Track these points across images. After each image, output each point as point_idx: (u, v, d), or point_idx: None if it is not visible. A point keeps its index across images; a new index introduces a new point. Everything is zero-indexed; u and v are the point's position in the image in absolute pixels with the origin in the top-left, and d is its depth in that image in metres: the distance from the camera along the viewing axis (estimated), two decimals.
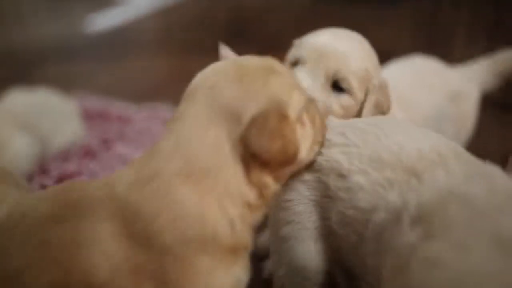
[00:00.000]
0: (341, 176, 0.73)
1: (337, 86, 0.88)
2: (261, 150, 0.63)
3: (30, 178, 1.38)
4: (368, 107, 0.90)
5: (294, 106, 0.68)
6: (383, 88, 0.92)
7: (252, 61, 0.72)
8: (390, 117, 0.80)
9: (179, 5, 3.27)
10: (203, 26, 2.86)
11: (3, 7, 2.91)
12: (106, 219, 0.64)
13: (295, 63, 0.92)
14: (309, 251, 0.79)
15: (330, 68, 0.87)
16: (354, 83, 0.88)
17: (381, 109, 0.92)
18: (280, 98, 0.67)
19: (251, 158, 0.64)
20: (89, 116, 1.71)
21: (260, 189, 0.67)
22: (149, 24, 2.86)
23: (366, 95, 0.90)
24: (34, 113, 1.47)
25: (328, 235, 0.77)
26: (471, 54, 2.20)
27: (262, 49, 2.43)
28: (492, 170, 0.65)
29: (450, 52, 2.15)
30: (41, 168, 1.41)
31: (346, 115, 0.90)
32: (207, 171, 0.64)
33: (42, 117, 1.48)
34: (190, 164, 0.64)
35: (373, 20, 2.65)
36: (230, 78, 0.68)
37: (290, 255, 0.80)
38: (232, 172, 0.65)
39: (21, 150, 1.39)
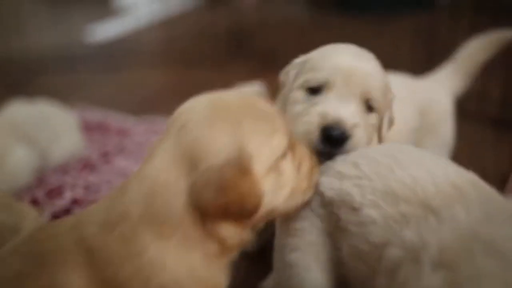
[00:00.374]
0: (353, 209, 0.70)
1: (367, 106, 0.84)
2: (207, 203, 0.60)
3: (28, 190, 1.37)
4: (386, 122, 0.89)
5: (263, 157, 0.64)
6: (393, 101, 0.91)
7: (233, 100, 0.67)
8: (404, 146, 0.77)
9: (180, 17, 3.29)
10: (203, 39, 2.87)
11: (3, 16, 2.92)
12: (77, 269, 0.62)
13: (316, 88, 0.84)
14: (316, 280, 0.77)
15: (362, 90, 0.82)
16: (381, 101, 0.85)
17: (392, 122, 0.92)
18: (246, 150, 0.62)
19: (202, 209, 0.61)
20: (88, 128, 1.71)
21: (219, 239, 0.63)
22: (149, 35, 2.87)
23: (384, 110, 0.88)
24: (34, 125, 1.47)
25: (338, 266, 0.75)
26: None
27: (260, 63, 2.46)
28: None
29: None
30: (40, 181, 1.41)
31: (373, 132, 0.87)
32: (167, 217, 0.62)
33: (41, 129, 1.48)
34: (152, 208, 0.62)
35: (371, 33, 2.67)
36: (202, 119, 0.64)
37: (295, 282, 0.77)
38: (190, 220, 0.62)
39: (20, 162, 1.39)
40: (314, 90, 0.84)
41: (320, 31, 2.92)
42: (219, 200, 0.60)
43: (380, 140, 0.90)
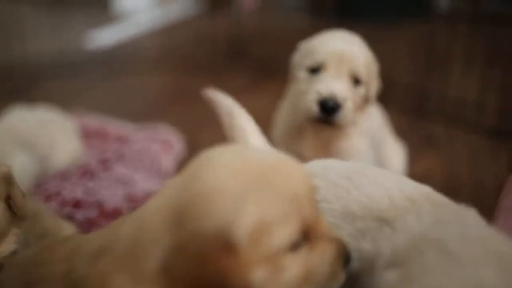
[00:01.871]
0: None
1: (354, 81, 1.09)
2: (181, 272, 0.54)
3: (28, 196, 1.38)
4: (373, 92, 1.15)
5: (259, 244, 0.54)
6: (377, 72, 1.16)
7: (257, 165, 0.58)
8: (362, 166, 0.81)
9: (180, 23, 3.30)
10: (203, 46, 2.88)
11: (3, 22, 2.93)
12: None
13: (315, 69, 1.09)
14: None
15: (351, 68, 1.07)
16: (366, 76, 1.10)
17: (376, 87, 1.17)
18: (240, 227, 0.53)
19: (175, 277, 0.55)
20: (88, 135, 1.72)
21: None
22: (149, 42, 2.88)
23: (370, 80, 1.13)
24: (34, 131, 1.47)
25: None
26: (468, 77, 2.26)
27: (261, 71, 2.45)
28: (465, 214, 0.66)
29: (448, 74, 2.18)
30: (39, 187, 1.41)
31: (362, 101, 1.13)
32: (142, 267, 0.56)
33: (41, 136, 1.48)
34: (133, 252, 0.57)
35: (370, 40, 2.66)
36: (212, 177, 0.57)
37: None
38: (160, 282, 0.56)
39: (20, 168, 1.39)
40: (314, 70, 1.09)
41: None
42: (196, 272, 0.53)
43: (369, 102, 1.16)
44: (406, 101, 2.06)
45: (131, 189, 1.40)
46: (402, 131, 1.68)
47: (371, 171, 0.78)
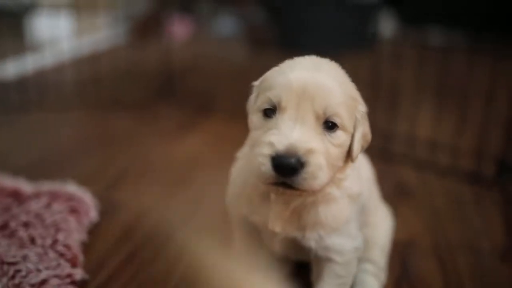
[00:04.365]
0: None
1: (327, 125, 0.77)
2: None
3: None
4: (357, 140, 0.81)
5: None
6: (365, 114, 0.84)
7: None
8: None
9: (102, 55, 2.89)
10: (129, 79, 2.48)
11: None
12: None
13: (269, 110, 0.78)
14: None
15: (318, 107, 0.75)
16: (345, 116, 0.77)
17: (366, 141, 0.85)
18: None
19: None
20: None
21: None
22: (68, 74, 2.44)
23: (354, 125, 0.81)
24: None
25: None
26: (418, 106, 2.04)
27: (195, 106, 2.11)
28: None
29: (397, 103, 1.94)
30: None
31: (341, 154, 0.80)
32: None
33: None
34: None
35: None
36: None
37: None
38: None
39: None
40: (269, 113, 0.78)
41: (259, 69, 2.64)
42: None
43: (352, 159, 0.82)
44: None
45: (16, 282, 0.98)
46: None
47: None
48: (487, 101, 1.65)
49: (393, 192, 1.51)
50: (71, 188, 1.34)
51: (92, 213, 1.28)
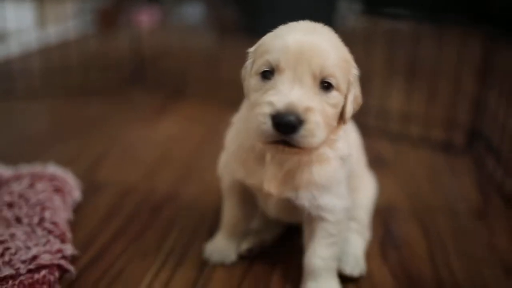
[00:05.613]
0: None
1: (323, 85, 0.79)
2: None
3: None
4: (350, 102, 0.84)
5: None
6: (357, 77, 0.86)
7: None
8: None
9: (69, 44, 2.83)
10: (98, 67, 2.44)
11: None
12: None
13: (268, 73, 0.79)
14: None
15: (315, 68, 0.77)
16: (340, 77, 0.80)
17: (358, 102, 0.88)
18: None
19: None
20: None
21: None
22: (34, 63, 2.38)
23: (348, 87, 0.84)
24: None
25: None
26: (389, 85, 2.09)
27: (166, 92, 2.10)
28: None
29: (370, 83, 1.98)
30: None
31: (336, 114, 0.83)
32: None
33: None
34: None
35: None
36: None
37: None
38: None
39: None
40: (268, 75, 0.79)
41: (227, 55, 2.65)
42: None
43: (344, 120, 0.85)
44: None
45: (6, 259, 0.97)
46: None
47: None
48: (456, 76, 1.71)
49: (372, 164, 1.54)
50: (52, 169, 1.32)
51: (76, 192, 1.27)
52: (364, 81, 0.90)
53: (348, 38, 0.89)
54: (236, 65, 0.92)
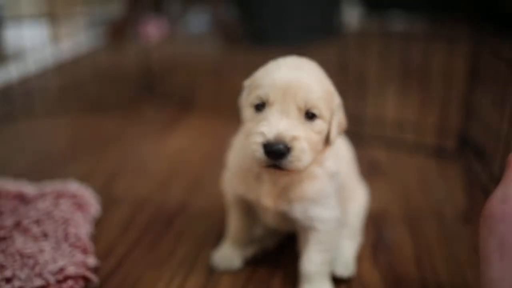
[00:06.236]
0: None
1: (308, 115, 0.92)
2: None
3: None
4: (334, 127, 0.97)
5: None
6: (340, 105, 1.00)
7: None
8: None
9: (78, 60, 2.97)
10: (107, 83, 2.58)
11: None
12: None
13: (260, 105, 0.93)
14: None
15: (300, 101, 0.90)
16: (323, 107, 0.92)
17: (342, 128, 1.01)
18: None
19: None
20: None
21: None
22: (45, 82, 2.53)
23: (331, 115, 0.96)
24: None
25: None
26: (384, 89, 2.19)
27: (177, 105, 2.23)
28: None
29: (365, 88, 2.09)
30: None
31: (321, 139, 0.95)
32: None
33: None
34: None
35: None
36: None
37: None
38: None
39: None
40: (260, 107, 0.93)
41: (234, 65, 2.76)
42: None
43: (329, 142, 0.98)
44: None
45: (36, 271, 1.09)
46: None
47: None
48: (446, 82, 1.81)
49: (367, 170, 1.66)
50: (73, 186, 1.45)
51: (96, 207, 1.40)
52: (359, 87, 1.01)
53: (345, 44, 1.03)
54: (243, 75, 1.05)
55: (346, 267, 1.15)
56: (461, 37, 1.77)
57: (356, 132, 1.89)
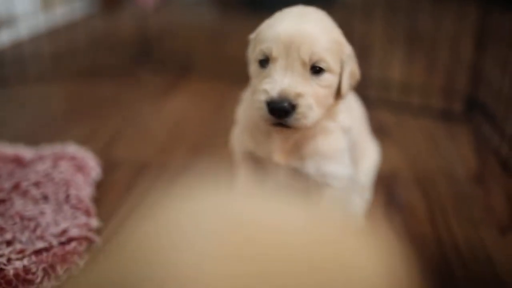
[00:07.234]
0: None
1: (315, 69, 0.86)
2: None
3: None
4: (346, 79, 0.90)
5: None
6: (352, 55, 0.92)
7: None
8: None
9: (72, 26, 2.88)
10: (104, 48, 2.50)
11: None
12: None
13: (263, 61, 0.87)
14: None
15: (304, 55, 0.84)
16: (330, 60, 0.86)
17: (355, 78, 0.94)
18: None
19: None
20: None
21: None
22: (39, 47, 2.45)
23: (341, 66, 0.89)
24: None
25: None
26: (390, 53, 2.14)
27: (173, 69, 2.16)
28: None
29: (370, 53, 2.04)
30: None
31: (330, 93, 0.89)
32: None
33: None
34: None
35: None
36: None
37: None
38: None
39: None
40: (264, 63, 0.87)
41: (231, 31, 2.70)
42: None
43: (341, 96, 0.92)
44: None
45: (38, 234, 1.05)
46: None
47: None
48: (454, 45, 1.76)
49: (374, 133, 1.61)
50: (72, 148, 1.40)
51: (96, 170, 1.35)
52: (365, 52, 0.97)
53: (349, 8, 0.96)
54: (240, 41, 0.99)
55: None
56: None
57: (362, 95, 1.85)
